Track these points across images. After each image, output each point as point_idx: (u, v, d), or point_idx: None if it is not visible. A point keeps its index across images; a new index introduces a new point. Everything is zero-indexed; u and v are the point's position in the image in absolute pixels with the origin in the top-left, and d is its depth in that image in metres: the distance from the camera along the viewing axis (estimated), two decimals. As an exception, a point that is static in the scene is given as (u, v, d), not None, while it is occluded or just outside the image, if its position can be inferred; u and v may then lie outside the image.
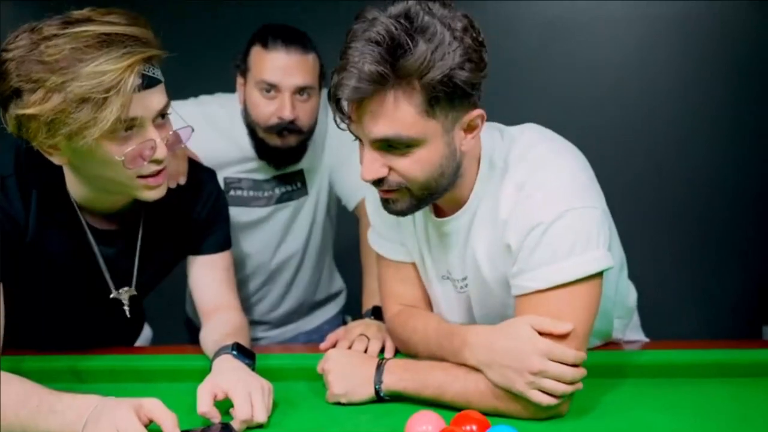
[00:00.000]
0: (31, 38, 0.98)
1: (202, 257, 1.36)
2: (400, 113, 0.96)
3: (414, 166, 1.01)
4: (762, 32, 2.72)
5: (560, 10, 2.75)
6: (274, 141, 1.61)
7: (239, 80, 1.65)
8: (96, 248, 1.21)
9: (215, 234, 1.37)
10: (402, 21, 0.93)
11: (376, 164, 1.02)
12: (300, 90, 1.56)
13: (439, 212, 1.18)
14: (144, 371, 1.26)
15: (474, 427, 0.96)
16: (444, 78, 0.94)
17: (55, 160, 1.07)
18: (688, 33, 2.75)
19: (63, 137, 1.00)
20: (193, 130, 1.14)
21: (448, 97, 0.97)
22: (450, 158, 1.03)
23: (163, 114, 1.08)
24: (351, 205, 1.77)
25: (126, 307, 1.28)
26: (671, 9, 2.72)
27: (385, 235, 1.28)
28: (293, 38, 1.56)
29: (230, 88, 1.70)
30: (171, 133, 1.09)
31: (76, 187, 1.15)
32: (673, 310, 2.78)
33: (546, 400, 1.00)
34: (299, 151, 1.65)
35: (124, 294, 1.27)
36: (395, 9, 0.95)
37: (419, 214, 1.19)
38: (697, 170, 2.84)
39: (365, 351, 1.28)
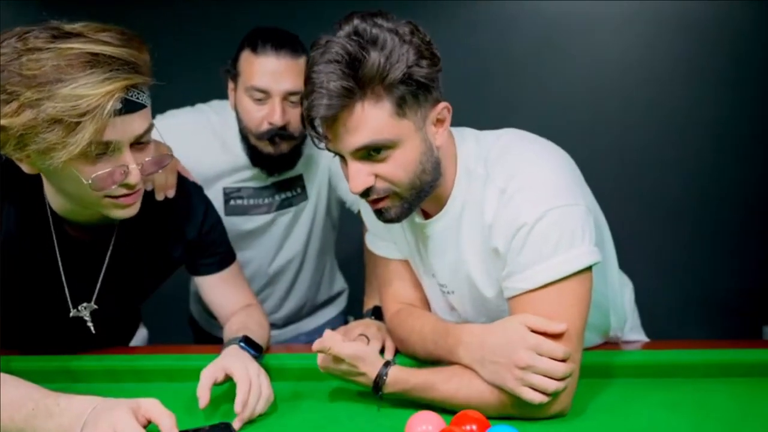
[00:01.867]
0: (16, 47, 0.94)
1: (209, 276, 1.36)
2: (372, 120, 1.01)
3: (397, 169, 1.05)
4: (762, 31, 2.72)
5: (560, 9, 2.75)
6: (267, 148, 1.58)
7: (230, 86, 1.61)
8: (60, 262, 1.18)
9: (217, 253, 1.36)
10: (353, 37, 1.00)
11: (362, 174, 1.05)
12: (291, 95, 1.52)
13: (425, 215, 1.20)
14: (143, 371, 1.26)
15: (474, 427, 0.96)
16: (404, 76, 1.00)
17: (25, 169, 1.03)
18: (688, 32, 2.74)
19: (32, 152, 0.97)
20: (172, 157, 1.12)
21: (413, 94, 1.02)
22: (428, 154, 1.07)
23: (143, 137, 1.03)
24: (356, 208, 1.75)
25: (90, 324, 1.24)
26: (670, 8, 2.72)
27: (381, 235, 1.30)
28: (283, 42, 1.52)
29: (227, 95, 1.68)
30: (148, 159, 1.05)
31: (53, 196, 1.13)
32: (673, 310, 2.78)
33: (538, 398, 1.00)
34: (293, 157, 1.63)
35: (84, 310, 1.24)
36: (344, 30, 1.01)
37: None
38: (698, 169, 2.84)
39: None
